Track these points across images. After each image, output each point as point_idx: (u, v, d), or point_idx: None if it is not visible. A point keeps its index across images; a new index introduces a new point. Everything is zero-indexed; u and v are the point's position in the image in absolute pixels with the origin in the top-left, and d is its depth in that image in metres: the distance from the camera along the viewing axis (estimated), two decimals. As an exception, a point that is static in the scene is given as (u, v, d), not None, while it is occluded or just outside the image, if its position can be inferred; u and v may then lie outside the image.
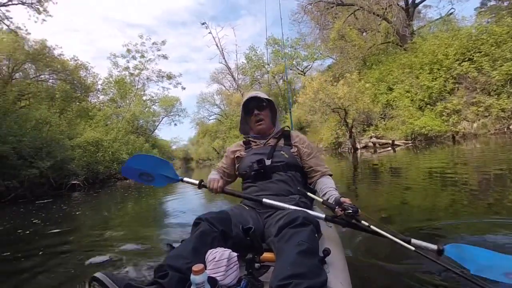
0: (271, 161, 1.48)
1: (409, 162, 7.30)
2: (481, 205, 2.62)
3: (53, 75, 16.73)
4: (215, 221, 1.08)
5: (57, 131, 11.61)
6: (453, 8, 16.77)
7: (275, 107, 1.69)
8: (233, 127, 29.89)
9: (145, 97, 27.39)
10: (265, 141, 1.61)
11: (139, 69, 24.35)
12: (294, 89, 27.71)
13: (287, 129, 1.67)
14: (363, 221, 1.16)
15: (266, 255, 1.06)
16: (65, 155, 10.71)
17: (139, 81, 25.17)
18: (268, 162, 1.47)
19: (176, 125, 35.18)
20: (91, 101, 21.06)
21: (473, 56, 11.61)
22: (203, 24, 31.89)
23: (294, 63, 29.01)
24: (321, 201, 1.32)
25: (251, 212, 1.32)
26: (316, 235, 1.03)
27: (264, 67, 30.76)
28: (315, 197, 1.38)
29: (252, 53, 30.45)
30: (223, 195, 1.54)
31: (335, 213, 1.20)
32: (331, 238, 1.28)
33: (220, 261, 0.93)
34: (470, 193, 3.14)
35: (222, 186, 1.43)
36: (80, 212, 5.25)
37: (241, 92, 30.89)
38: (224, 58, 33.66)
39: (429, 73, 12.86)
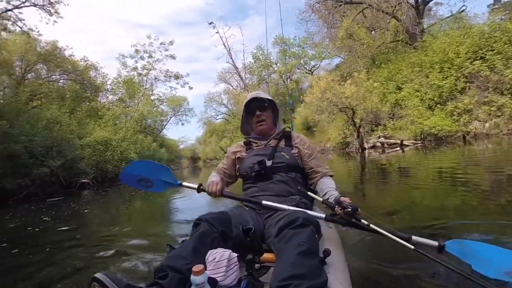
0: (272, 162, 1.48)
1: (418, 162, 7.20)
2: (492, 206, 2.57)
3: (63, 75, 17.02)
4: (215, 221, 1.08)
5: (67, 130, 11.83)
6: (464, 5, 16.37)
7: (277, 108, 1.69)
8: (240, 127, 29.80)
9: (153, 97, 27.67)
10: (266, 142, 1.61)
11: (147, 69, 24.60)
12: (301, 89, 27.59)
13: (288, 130, 1.66)
14: (362, 220, 1.15)
15: (266, 255, 1.06)
16: (75, 154, 10.91)
17: (147, 81, 25.43)
18: (269, 163, 1.47)
19: (183, 124, 35.44)
20: (100, 101, 21.35)
21: (486, 54, 11.33)
22: (211, 23, 32.00)
23: (301, 62, 28.86)
24: (321, 201, 1.32)
25: (251, 212, 1.32)
26: (316, 235, 1.03)
27: (271, 67, 30.70)
28: (315, 197, 1.37)
29: (259, 53, 30.42)
30: None
31: (335, 212, 1.20)
32: (331, 238, 1.28)
33: (220, 261, 0.93)
34: (481, 194, 3.08)
35: (221, 189, 1.43)
36: (88, 210, 5.35)
37: (248, 91, 30.91)
38: (231, 57, 33.73)
39: (440, 72, 12.61)
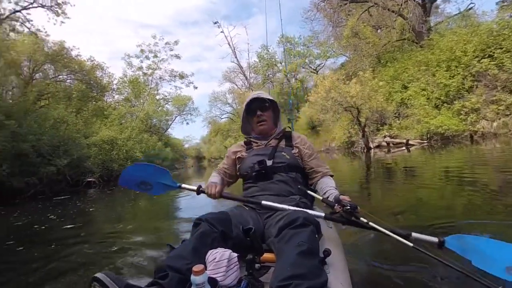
0: (272, 162, 1.48)
1: (424, 161, 7.14)
2: (500, 206, 2.54)
3: (70, 75, 17.21)
4: (215, 221, 1.08)
5: (74, 130, 11.96)
6: (472, 2, 16.09)
7: (278, 108, 1.69)
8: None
9: (158, 96, 27.87)
10: (266, 142, 1.61)
11: (152, 69, 24.81)
12: (306, 88, 27.51)
13: (288, 130, 1.66)
14: (361, 218, 1.15)
15: (266, 255, 1.06)
16: (81, 153, 11.02)
17: (152, 81, 25.64)
18: (269, 163, 1.47)
19: (188, 124, 35.70)
20: (106, 101, 21.55)
21: (494, 52, 11.15)
22: (215, 23, 32.05)
23: (306, 61, 28.77)
24: (321, 199, 1.32)
25: (251, 212, 1.32)
26: (316, 235, 1.03)
27: (276, 66, 30.64)
28: (315, 195, 1.38)
29: (264, 52, 30.38)
30: None
31: (334, 210, 1.20)
32: (331, 238, 1.28)
33: (220, 261, 0.93)
34: (488, 193, 3.04)
35: (220, 191, 1.42)
36: (93, 208, 5.41)
37: (253, 90, 30.90)
38: (236, 57, 33.75)
39: (446, 71, 12.45)
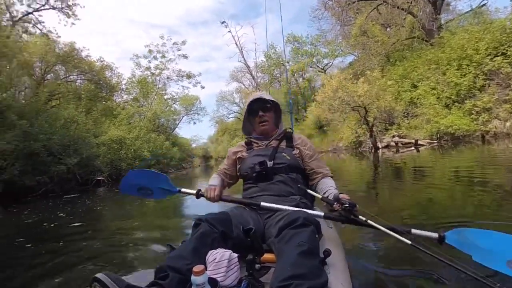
0: (272, 162, 1.48)
1: (433, 162, 7.03)
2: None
3: (81, 75, 17.53)
4: (216, 222, 1.08)
5: (84, 129, 12.16)
6: (485, -1, 15.75)
7: (279, 109, 1.70)
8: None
9: (166, 96, 28.13)
10: (267, 143, 1.62)
11: (160, 69, 25.03)
12: (313, 87, 27.37)
13: (289, 131, 1.67)
14: (360, 216, 1.15)
15: (266, 256, 1.06)
16: (91, 152, 11.19)
17: (160, 81, 25.87)
18: (270, 163, 1.48)
19: (195, 123, 35.87)
20: (115, 100, 21.86)
21: (507, 50, 10.87)
22: (223, 23, 32.10)
23: (314, 60, 28.57)
24: (320, 197, 1.33)
25: (252, 213, 1.32)
26: (316, 235, 1.03)
27: (283, 65, 30.56)
28: (314, 194, 1.38)
29: (271, 51, 30.31)
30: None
31: (333, 208, 1.20)
32: (331, 238, 1.29)
33: (220, 262, 0.93)
34: (500, 194, 2.99)
35: (219, 194, 1.43)
36: (101, 207, 5.50)
37: (260, 90, 30.90)
38: (243, 56, 33.77)
39: (457, 69, 12.20)
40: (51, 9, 16.98)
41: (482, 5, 15.49)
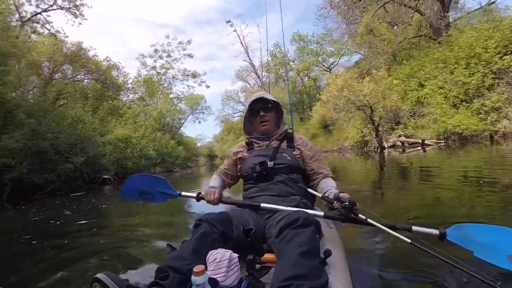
0: (273, 163, 1.49)
1: (440, 162, 6.94)
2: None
3: (88, 75, 17.72)
4: (216, 222, 1.08)
5: (90, 128, 12.30)
6: (495, -4, 15.44)
7: (281, 109, 1.71)
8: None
9: (172, 95, 28.28)
10: (268, 143, 1.62)
11: (165, 68, 25.18)
12: (319, 86, 27.23)
13: (290, 131, 1.67)
14: (360, 215, 1.15)
15: (267, 256, 1.06)
16: (97, 151, 11.31)
17: (165, 80, 26.02)
18: (270, 164, 1.48)
19: (200, 122, 35.96)
20: (122, 100, 22.05)
21: (517, 48, 10.69)
22: (228, 22, 32.09)
23: (319, 59, 28.42)
24: (320, 196, 1.32)
25: (252, 213, 1.32)
26: (317, 236, 1.03)
27: (288, 64, 30.47)
28: (314, 193, 1.38)
29: (276, 50, 30.23)
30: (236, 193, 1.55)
31: (333, 207, 1.20)
32: (332, 239, 1.29)
33: (221, 262, 0.93)
34: (509, 195, 2.93)
35: (218, 197, 1.43)
36: (106, 205, 5.55)
37: (265, 89, 30.86)
38: (248, 56, 33.73)
39: (466, 68, 12.00)
40: (59, 9, 17.22)
41: (491, 3, 15.20)
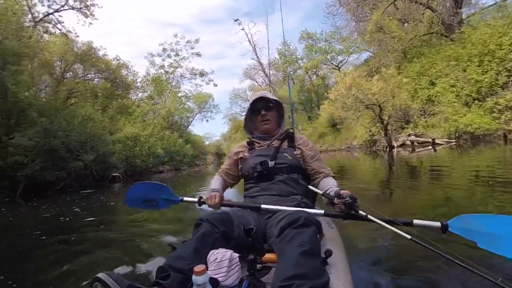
0: (274, 162, 1.49)
1: (451, 161, 6.80)
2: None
3: (98, 74, 18.00)
4: (217, 222, 1.08)
5: (100, 126, 12.53)
6: (510, -8, 14.98)
7: (282, 109, 1.71)
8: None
9: (180, 94, 28.49)
10: (269, 142, 1.62)
11: (173, 67, 25.36)
12: (327, 85, 27.00)
13: (291, 131, 1.66)
14: (361, 211, 1.13)
15: (267, 256, 1.06)
16: (107, 149, 11.51)
17: (173, 79, 26.21)
18: (271, 163, 1.48)
19: (207, 121, 36.09)
20: (131, 98, 22.32)
21: (533, 45, 10.36)
22: (236, 20, 32.09)
23: (328, 57, 28.13)
24: (321, 193, 1.32)
25: (253, 213, 1.31)
26: (318, 235, 1.02)
27: (297, 63, 30.27)
28: (315, 190, 1.38)
29: (284, 48, 30.04)
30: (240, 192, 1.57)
31: (334, 202, 1.19)
32: (333, 239, 1.28)
33: (221, 262, 0.92)
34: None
35: (219, 201, 1.43)
36: (114, 202, 5.66)
37: (273, 88, 30.76)
38: (256, 54, 33.66)
39: (479, 66, 11.70)
40: (70, 9, 17.49)
41: (506, -2, 14.76)
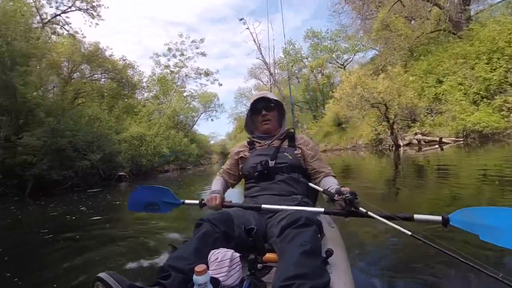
0: (274, 162, 1.49)
1: (459, 160, 6.71)
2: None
3: (104, 74, 18.19)
4: (218, 222, 1.08)
5: (106, 126, 12.66)
6: (520, -13, 14.66)
7: (283, 109, 1.72)
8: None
9: (185, 94, 28.61)
10: (269, 142, 1.63)
11: (178, 67, 25.48)
12: (333, 83, 26.84)
13: (291, 131, 1.66)
14: (361, 208, 1.13)
15: (268, 255, 1.06)
16: (113, 148, 11.62)
17: (178, 78, 26.33)
18: (271, 163, 1.48)
19: (212, 120, 36.18)
20: (137, 98, 22.49)
21: (543, 42, 10.15)
22: (241, 20, 32.05)
23: (333, 56, 27.96)
24: (321, 190, 1.32)
25: (253, 212, 1.31)
26: (318, 235, 1.02)
27: (302, 61, 30.14)
28: (316, 187, 1.38)
29: (289, 47, 29.94)
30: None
31: (334, 198, 1.19)
32: (333, 238, 1.28)
33: (222, 261, 0.93)
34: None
35: (220, 203, 1.44)
36: (120, 202, 5.68)
37: (278, 87, 30.69)
38: (261, 53, 33.56)
39: (487, 63, 11.49)
40: (77, 10, 17.71)
41: (516, -6, 14.46)
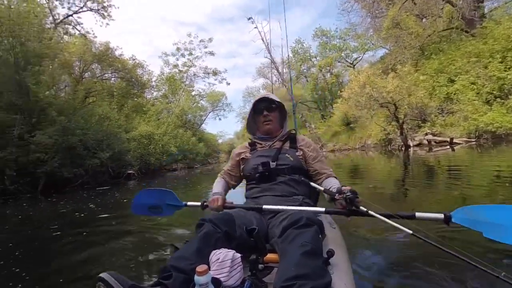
0: (276, 163, 1.49)
1: (471, 161, 6.57)
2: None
3: (114, 73, 18.46)
4: (219, 222, 1.09)
5: (116, 125, 12.86)
6: (536, -16, 14.20)
7: (285, 110, 1.72)
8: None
9: (193, 93, 28.80)
10: (270, 143, 1.63)
11: (187, 66, 25.66)
12: (342, 82, 26.58)
13: (293, 132, 1.67)
14: (362, 207, 1.12)
15: (270, 256, 1.06)
16: (122, 147, 11.80)
17: (187, 78, 26.52)
18: (273, 164, 1.48)
19: (220, 119, 36.30)
20: (146, 97, 22.76)
21: (561, 40, 9.81)
22: (249, 19, 32.04)
23: (342, 55, 27.67)
24: (323, 190, 1.31)
25: (255, 213, 1.31)
26: (320, 236, 1.02)
27: (310, 60, 29.93)
28: (317, 186, 1.38)
29: (298, 46, 29.77)
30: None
31: (335, 198, 1.18)
32: (334, 239, 1.28)
33: (224, 262, 0.93)
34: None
35: (221, 204, 1.45)
36: (127, 200, 5.74)
37: (285, 86, 30.57)
38: (269, 52, 33.49)
39: (501, 62, 11.20)
40: (89, 10, 18.01)
41: (532, -9, 14.01)
